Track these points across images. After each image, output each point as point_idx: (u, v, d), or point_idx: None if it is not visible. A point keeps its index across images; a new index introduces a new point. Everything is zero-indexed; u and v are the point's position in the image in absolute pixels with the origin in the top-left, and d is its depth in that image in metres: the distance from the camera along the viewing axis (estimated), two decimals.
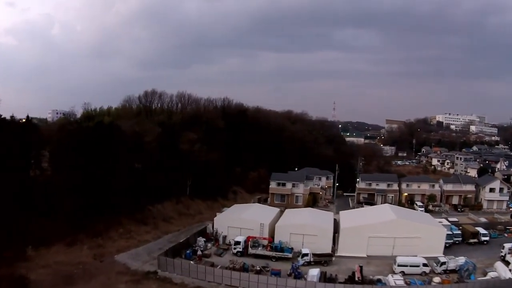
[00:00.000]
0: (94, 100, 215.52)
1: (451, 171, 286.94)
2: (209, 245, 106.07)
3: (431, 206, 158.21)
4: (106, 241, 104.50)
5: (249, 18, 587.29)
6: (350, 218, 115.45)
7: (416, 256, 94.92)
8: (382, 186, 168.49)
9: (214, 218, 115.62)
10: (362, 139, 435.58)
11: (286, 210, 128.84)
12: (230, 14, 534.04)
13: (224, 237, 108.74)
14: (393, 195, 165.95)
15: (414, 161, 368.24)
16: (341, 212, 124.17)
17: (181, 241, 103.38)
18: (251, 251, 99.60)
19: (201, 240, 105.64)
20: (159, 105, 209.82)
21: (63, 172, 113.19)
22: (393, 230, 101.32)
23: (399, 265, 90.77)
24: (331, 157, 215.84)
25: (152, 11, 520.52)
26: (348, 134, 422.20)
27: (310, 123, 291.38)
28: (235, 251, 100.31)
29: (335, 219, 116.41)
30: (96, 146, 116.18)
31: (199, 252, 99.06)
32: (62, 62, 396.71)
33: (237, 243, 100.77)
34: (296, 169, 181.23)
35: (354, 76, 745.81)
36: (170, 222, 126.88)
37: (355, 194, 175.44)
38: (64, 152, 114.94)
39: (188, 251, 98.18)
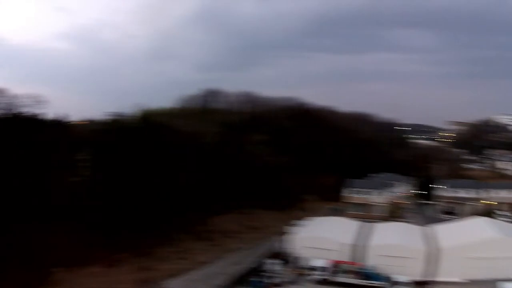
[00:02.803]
0: (150, 102, 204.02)
1: None
2: (280, 268, 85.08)
3: None
4: (154, 261, 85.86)
5: (302, 20, 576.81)
6: (448, 234, 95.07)
7: None
8: (467, 193, 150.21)
9: (287, 236, 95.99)
10: (428, 142, 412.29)
11: (373, 224, 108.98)
12: (285, 15, 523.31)
13: (298, 259, 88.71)
14: (478, 203, 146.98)
15: (483, 164, 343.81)
16: (435, 227, 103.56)
17: (246, 265, 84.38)
18: (335, 278, 79.66)
19: (270, 263, 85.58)
20: (220, 104, 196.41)
21: (105, 178, 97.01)
22: (499, 249, 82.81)
23: None
24: (405, 161, 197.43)
25: (207, 14, 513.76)
26: (406, 136, 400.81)
27: (377, 125, 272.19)
28: (314, 278, 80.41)
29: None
30: (146, 148, 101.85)
31: (269, 280, 79.19)
32: (117, 64, 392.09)
33: (317, 268, 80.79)
34: (374, 174, 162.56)
35: (408, 77, 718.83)
36: (232, 238, 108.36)
37: (437, 202, 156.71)
38: (108, 154, 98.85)
39: (255, 279, 78.66)
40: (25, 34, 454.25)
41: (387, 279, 78.68)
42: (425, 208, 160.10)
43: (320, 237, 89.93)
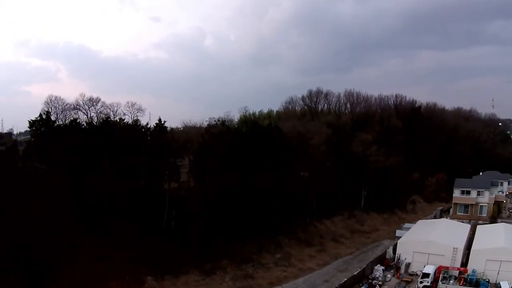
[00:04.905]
0: (253, 106, 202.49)
1: None
2: (388, 275, 79.55)
3: None
4: (257, 269, 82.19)
5: (401, 17, 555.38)
6: None
7: None
8: None
9: (398, 241, 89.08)
10: None
11: (478, 226, 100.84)
12: (384, 14, 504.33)
13: (408, 265, 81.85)
14: None
15: None
16: None
17: (355, 273, 77.20)
18: (441, 286, 72.09)
19: (379, 269, 79.40)
20: (325, 105, 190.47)
21: (206, 183, 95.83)
22: None
23: None
24: (509, 158, 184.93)
25: (306, 17, 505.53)
26: (508, 132, 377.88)
27: (481, 121, 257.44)
28: (421, 285, 72.86)
29: None
30: (251, 151, 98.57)
31: None
32: (218, 71, 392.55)
33: (425, 275, 73.60)
34: (480, 173, 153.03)
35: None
36: (340, 243, 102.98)
37: None
38: (209, 159, 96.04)
39: (363, 287, 73.29)
40: (124, 46, 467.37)
41: (488, 284, 71.34)
42: None
43: (429, 241, 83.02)
